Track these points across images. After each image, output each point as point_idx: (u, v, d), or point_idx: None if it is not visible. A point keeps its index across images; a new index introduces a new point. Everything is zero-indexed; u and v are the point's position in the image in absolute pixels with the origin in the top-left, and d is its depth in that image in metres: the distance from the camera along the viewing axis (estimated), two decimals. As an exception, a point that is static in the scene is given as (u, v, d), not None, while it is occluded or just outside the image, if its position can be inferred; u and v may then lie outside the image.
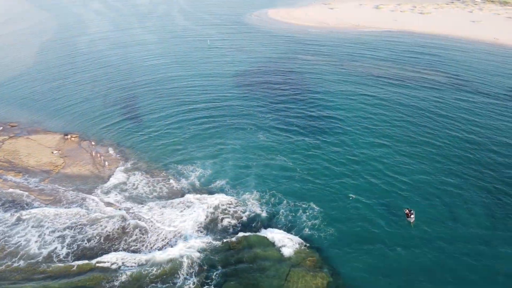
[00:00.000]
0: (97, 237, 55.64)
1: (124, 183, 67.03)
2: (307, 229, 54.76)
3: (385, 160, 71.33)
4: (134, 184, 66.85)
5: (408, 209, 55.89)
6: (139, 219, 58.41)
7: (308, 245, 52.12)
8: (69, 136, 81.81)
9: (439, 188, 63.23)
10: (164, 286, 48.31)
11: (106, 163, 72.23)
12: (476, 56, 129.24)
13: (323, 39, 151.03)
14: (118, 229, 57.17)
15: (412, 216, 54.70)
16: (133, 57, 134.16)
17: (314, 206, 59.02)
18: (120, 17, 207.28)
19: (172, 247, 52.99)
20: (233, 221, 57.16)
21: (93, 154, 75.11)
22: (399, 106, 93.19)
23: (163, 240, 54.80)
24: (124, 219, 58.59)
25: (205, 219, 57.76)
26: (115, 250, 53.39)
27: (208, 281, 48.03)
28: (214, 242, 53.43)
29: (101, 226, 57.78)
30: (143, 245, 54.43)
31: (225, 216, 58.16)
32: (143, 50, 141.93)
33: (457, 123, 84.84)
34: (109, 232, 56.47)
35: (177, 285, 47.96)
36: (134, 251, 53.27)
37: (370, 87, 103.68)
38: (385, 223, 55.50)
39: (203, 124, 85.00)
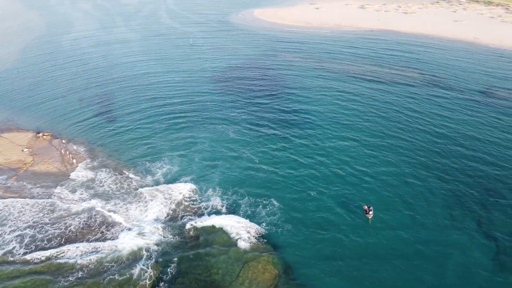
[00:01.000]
0: (59, 233, 55.89)
1: (91, 180, 67.34)
2: (265, 224, 55.35)
3: (353, 154, 72.29)
4: (101, 181, 67.17)
5: (367, 205, 56.59)
6: (103, 215, 58.80)
7: (264, 239, 52.74)
8: (41, 134, 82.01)
9: (402, 181, 64.21)
10: (120, 278, 48.69)
11: (74, 160, 72.49)
12: (454, 55, 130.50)
13: (304, 38, 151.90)
14: (81, 225, 57.47)
15: (370, 212, 55.41)
16: (113, 55, 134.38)
17: (275, 200, 59.76)
18: (106, 16, 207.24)
19: (131, 240, 53.48)
20: (193, 216, 57.67)
21: (62, 152, 75.37)
22: (372, 102, 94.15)
23: (123, 234, 55.16)
24: (88, 215, 58.92)
25: (167, 214, 58.32)
26: (76, 245, 53.73)
27: (163, 275, 48.47)
28: (172, 236, 54.02)
29: (64, 223, 58.02)
30: (103, 239, 54.79)
31: (186, 211, 58.70)
32: (125, 48, 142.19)
33: (429, 119, 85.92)
34: (72, 228, 56.76)
35: (133, 278, 48.37)
36: (94, 245, 53.58)
37: (346, 84, 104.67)
38: (343, 218, 56.17)
39: (175, 121, 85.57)
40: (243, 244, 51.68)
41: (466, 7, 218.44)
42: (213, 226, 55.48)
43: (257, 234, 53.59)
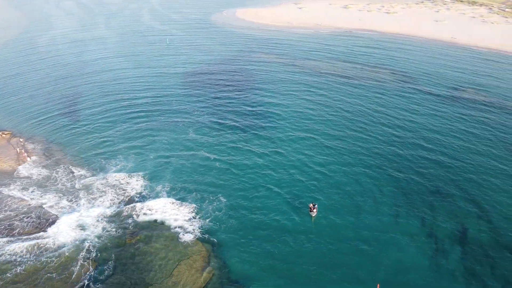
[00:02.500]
0: (4, 232, 55.24)
1: (44, 178, 66.63)
2: (209, 219, 54.90)
3: (310, 152, 71.99)
4: (53, 178, 66.44)
5: (312, 203, 56.18)
6: (49, 212, 58.27)
7: (206, 235, 52.26)
8: (0, 133, 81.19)
9: (354, 179, 63.84)
10: (59, 277, 48.06)
11: (29, 159, 71.78)
12: (428, 54, 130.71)
13: (282, 37, 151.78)
14: (26, 222, 56.79)
15: (314, 210, 54.97)
16: (88, 55, 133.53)
17: (222, 197, 59.36)
18: (88, 15, 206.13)
19: (73, 236, 53.01)
20: (138, 213, 57.00)
21: (18, 150, 74.59)
22: (340, 99, 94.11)
23: (66, 229, 54.50)
24: (34, 212, 58.32)
25: (114, 210, 57.74)
26: (18, 243, 53.07)
27: (99, 272, 47.79)
28: (114, 233, 53.39)
29: (9, 220, 57.32)
30: (47, 236, 54.09)
31: (131, 208, 58.08)
32: (100, 48, 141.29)
33: (394, 116, 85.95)
34: (19, 227, 56.04)
35: (70, 274, 47.76)
36: (35, 243, 52.89)
37: (316, 81, 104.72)
38: (288, 216, 55.68)
39: (137, 119, 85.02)
40: (182, 240, 51.21)
41: (449, 7, 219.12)
42: (156, 221, 55.13)
43: (199, 229, 53.18)
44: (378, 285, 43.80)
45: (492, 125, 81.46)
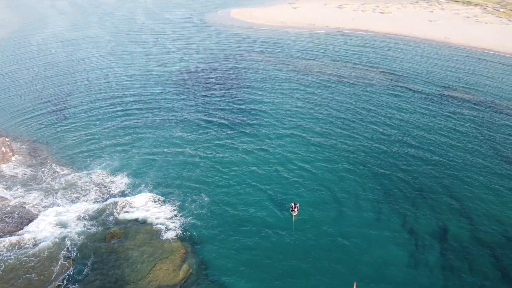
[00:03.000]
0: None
1: (29, 177, 66.28)
2: (189, 218, 54.78)
3: (297, 150, 72.08)
4: (37, 178, 66.10)
5: (294, 203, 55.98)
6: (31, 211, 57.89)
7: (185, 234, 52.09)
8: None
9: (339, 177, 63.96)
10: (37, 277, 47.77)
11: (13, 158, 71.45)
12: (420, 54, 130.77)
13: (274, 37, 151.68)
14: (9, 223, 56.45)
15: (296, 209, 54.77)
16: (79, 54, 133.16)
17: (205, 195, 59.27)
18: (81, 15, 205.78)
19: (53, 238, 52.54)
20: (120, 211, 56.80)
21: (4, 149, 74.25)
22: (329, 100, 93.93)
23: (46, 230, 54.19)
24: (17, 211, 57.98)
25: (94, 209, 57.40)
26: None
27: (77, 274, 47.38)
28: (94, 231, 53.17)
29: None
30: (27, 237, 53.74)
31: (114, 205, 57.84)
32: (93, 47, 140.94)
33: (382, 115, 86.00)
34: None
35: (52, 276, 47.44)
36: (16, 242, 52.59)
37: (306, 81, 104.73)
38: (270, 215, 55.46)
39: (125, 118, 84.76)
40: (163, 238, 51.17)
41: (444, 7, 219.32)
42: (138, 219, 54.99)
43: (180, 227, 53.15)
44: (355, 283, 43.60)
45: (480, 124, 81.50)
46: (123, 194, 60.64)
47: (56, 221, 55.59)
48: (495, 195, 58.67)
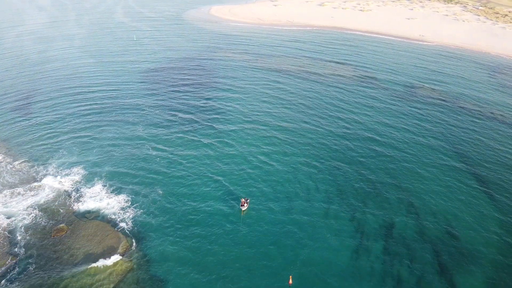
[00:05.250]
0: None
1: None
2: (140, 211, 54.71)
3: (258, 144, 72.53)
4: (-7, 174, 65.36)
5: (245, 198, 55.93)
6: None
7: (132, 228, 51.77)
8: None
9: (295, 172, 64.00)
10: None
11: (-31, 154, 70.40)
12: (393, 52, 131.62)
13: (250, 34, 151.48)
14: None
15: (245, 205, 54.67)
16: (52, 51, 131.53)
17: (160, 187, 59.57)
18: (60, 12, 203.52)
19: (-1, 234, 52.02)
20: (72, 203, 56.41)
21: (-41, 144, 73.12)
22: (298, 95, 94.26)
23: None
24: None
25: (46, 202, 56.73)
26: None
27: (22, 270, 46.69)
28: (42, 225, 52.58)
29: None
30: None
31: (66, 198, 57.47)
32: (66, 45, 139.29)
33: (349, 112, 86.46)
34: None
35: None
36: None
37: (277, 78, 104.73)
38: (220, 210, 55.17)
39: (88, 114, 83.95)
40: (110, 231, 50.97)
41: (424, 5, 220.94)
42: (89, 211, 54.82)
43: (130, 219, 53.21)
44: (290, 276, 43.65)
45: (442, 119, 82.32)
46: (77, 186, 60.15)
47: (3, 212, 54.79)
48: (447, 191, 59.22)
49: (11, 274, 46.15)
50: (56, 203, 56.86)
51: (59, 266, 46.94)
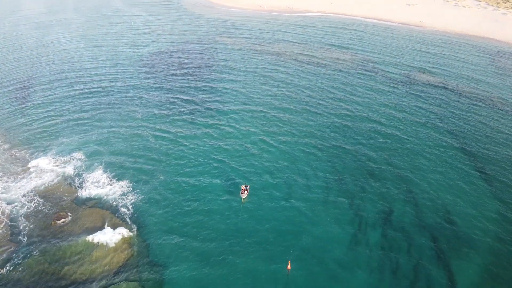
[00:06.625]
0: None
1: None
2: (141, 197, 54.93)
3: (260, 127, 72.92)
4: (-8, 161, 65.32)
5: (245, 185, 56.00)
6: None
7: (133, 213, 52.10)
8: None
9: (298, 155, 64.64)
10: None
11: (-32, 140, 70.29)
12: (394, 38, 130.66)
13: (250, 20, 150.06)
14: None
15: (245, 192, 54.76)
16: (50, 37, 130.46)
17: (160, 173, 59.62)
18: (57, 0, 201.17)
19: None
20: (72, 190, 56.65)
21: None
22: (299, 79, 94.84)
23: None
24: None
25: (47, 189, 56.96)
26: None
27: (24, 256, 46.95)
28: (44, 212, 52.86)
29: None
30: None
31: (67, 184, 57.74)
32: (64, 32, 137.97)
33: (351, 96, 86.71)
34: None
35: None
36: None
37: (278, 63, 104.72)
38: (219, 197, 55.28)
39: (88, 99, 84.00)
40: (110, 218, 51.25)
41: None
42: (89, 199, 54.97)
43: (130, 206, 53.33)
44: (289, 262, 44.06)
45: (441, 105, 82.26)
46: (78, 171, 60.26)
47: (3, 198, 54.97)
48: (446, 178, 59.39)
49: (12, 261, 46.33)
50: (57, 189, 57.10)
51: (59, 252, 47.21)
